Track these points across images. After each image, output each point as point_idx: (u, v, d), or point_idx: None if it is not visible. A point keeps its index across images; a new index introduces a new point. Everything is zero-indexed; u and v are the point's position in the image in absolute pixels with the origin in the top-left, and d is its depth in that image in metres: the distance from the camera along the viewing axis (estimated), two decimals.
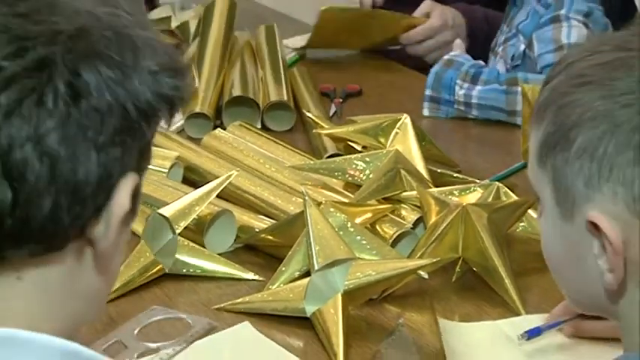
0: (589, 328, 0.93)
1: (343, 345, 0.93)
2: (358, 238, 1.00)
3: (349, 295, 0.94)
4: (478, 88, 1.38)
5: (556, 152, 0.63)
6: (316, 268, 0.95)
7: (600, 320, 0.90)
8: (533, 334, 0.93)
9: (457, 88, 1.38)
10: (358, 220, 1.05)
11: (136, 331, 0.95)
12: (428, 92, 1.40)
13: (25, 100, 0.49)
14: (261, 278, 1.00)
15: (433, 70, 1.41)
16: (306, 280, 0.97)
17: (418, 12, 1.61)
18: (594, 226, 0.61)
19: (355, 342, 0.95)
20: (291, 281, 0.99)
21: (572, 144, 0.61)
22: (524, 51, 1.45)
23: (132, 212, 0.58)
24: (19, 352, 0.53)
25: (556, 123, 0.63)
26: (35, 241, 0.53)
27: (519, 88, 1.32)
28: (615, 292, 0.63)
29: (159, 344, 0.92)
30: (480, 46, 1.60)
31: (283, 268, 0.97)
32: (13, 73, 0.49)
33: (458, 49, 1.50)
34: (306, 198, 1.02)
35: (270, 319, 0.98)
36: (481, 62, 1.47)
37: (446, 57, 1.47)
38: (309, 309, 0.95)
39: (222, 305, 0.99)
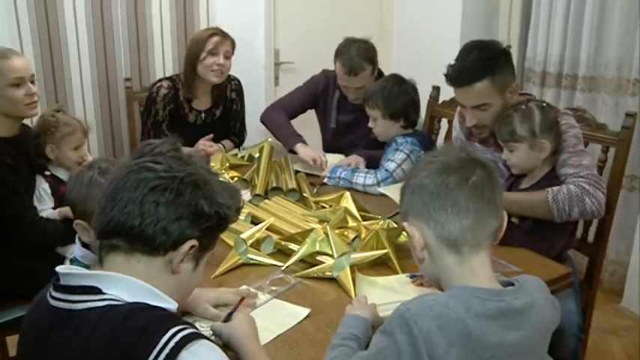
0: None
1: (353, 288, 1.33)
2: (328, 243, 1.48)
3: (351, 267, 1.38)
4: (345, 172, 2.13)
5: (404, 200, 0.96)
6: (336, 256, 1.40)
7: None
8: (413, 277, 1.42)
9: (338, 171, 2.13)
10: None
11: (267, 282, 1.39)
12: (327, 174, 2.12)
13: (153, 191, 0.79)
14: (284, 264, 1.48)
15: (334, 166, 2.13)
16: (331, 262, 1.40)
17: (348, 160, 2.28)
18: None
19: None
20: (297, 261, 1.45)
21: (404, 199, 0.95)
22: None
23: (193, 258, 0.84)
24: (126, 284, 0.80)
25: (403, 193, 0.97)
26: (147, 247, 0.82)
27: (357, 173, 2.07)
28: (421, 260, 0.96)
29: (276, 288, 1.35)
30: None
31: (290, 259, 1.47)
32: (166, 186, 0.81)
33: (361, 165, 2.28)
34: (329, 229, 1.47)
35: (316, 280, 1.41)
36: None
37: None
38: (335, 273, 1.39)
39: (299, 273, 1.40)
